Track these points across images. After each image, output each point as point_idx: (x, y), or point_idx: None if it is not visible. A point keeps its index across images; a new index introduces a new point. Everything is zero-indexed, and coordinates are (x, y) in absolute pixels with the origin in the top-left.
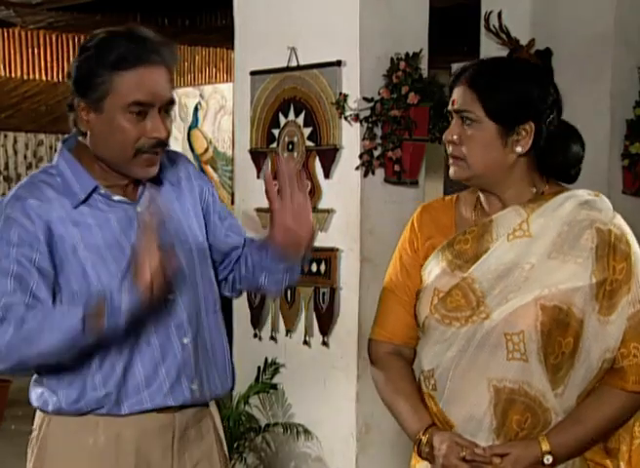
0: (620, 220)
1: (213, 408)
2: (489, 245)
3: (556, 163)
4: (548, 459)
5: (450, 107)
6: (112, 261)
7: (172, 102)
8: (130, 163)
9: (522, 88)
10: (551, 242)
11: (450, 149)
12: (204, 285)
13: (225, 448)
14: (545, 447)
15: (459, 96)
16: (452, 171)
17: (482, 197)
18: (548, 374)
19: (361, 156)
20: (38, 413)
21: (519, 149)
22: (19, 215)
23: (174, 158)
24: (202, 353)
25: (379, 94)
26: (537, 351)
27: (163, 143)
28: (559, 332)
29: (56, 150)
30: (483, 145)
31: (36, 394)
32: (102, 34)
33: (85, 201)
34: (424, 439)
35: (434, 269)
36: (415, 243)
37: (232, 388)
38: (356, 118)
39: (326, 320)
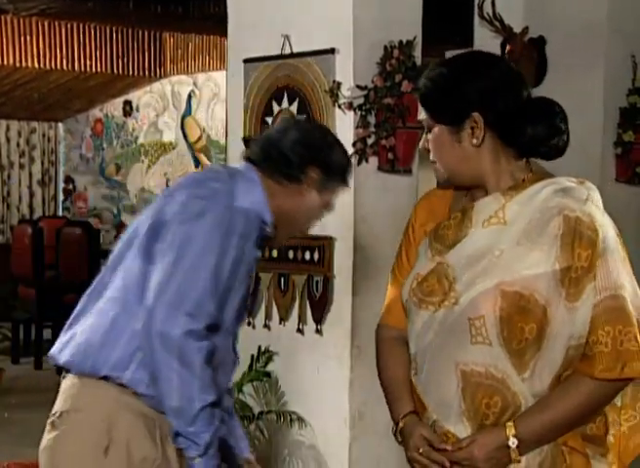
0: (590, 207)
1: None
2: (467, 231)
3: (525, 141)
4: (514, 442)
5: None
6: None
7: None
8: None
9: (450, 84)
10: (522, 229)
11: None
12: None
13: None
14: (510, 431)
15: (419, 106)
16: (436, 177)
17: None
18: (512, 359)
19: (354, 144)
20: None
21: (474, 141)
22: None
23: None
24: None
25: (372, 82)
26: (496, 335)
27: None
28: (520, 318)
29: (48, 138)
30: (441, 148)
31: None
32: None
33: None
34: (401, 424)
35: (420, 254)
36: (412, 229)
37: None
38: (350, 106)
39: (319, 308)
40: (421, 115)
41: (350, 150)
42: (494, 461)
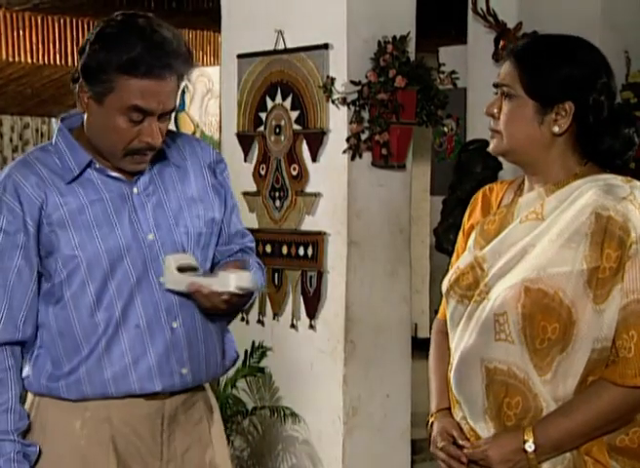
0: (627, 207)
1: (208, 391)
2: (508, 226)
3: (601, 149)
4: (530, 446)
5: (495, 80)
6: (101, 239)
7: (173, 110)
8: (118, 159)
9: (564, 67)
10: (558, 226)
11: (490, 123)
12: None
13: (222, 430)
14: (528, 435)
15: (504, 69)
16: (490, 144)
17: (526, 179)
18: (534, 359)
19: (348, 139)
20: (29, 395)
21: (556, 129)
22: (8, 198)
23: (178, 139)
24: (194, 338)
25: (366, 77)
26: (519, 333)
27: (154, 148)
28: (543, 317)
29: (42, 133)
30: (519, 121)
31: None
32: (118, 25)
33: (79, 176)
34: (432, 419)
35: (468, 248)
36: (465, 224)
37: (225, 372)
38: (343, 101)
39: (313, 303)
40: (506, 79)
41: (344, 146)
42: (510, 464)
